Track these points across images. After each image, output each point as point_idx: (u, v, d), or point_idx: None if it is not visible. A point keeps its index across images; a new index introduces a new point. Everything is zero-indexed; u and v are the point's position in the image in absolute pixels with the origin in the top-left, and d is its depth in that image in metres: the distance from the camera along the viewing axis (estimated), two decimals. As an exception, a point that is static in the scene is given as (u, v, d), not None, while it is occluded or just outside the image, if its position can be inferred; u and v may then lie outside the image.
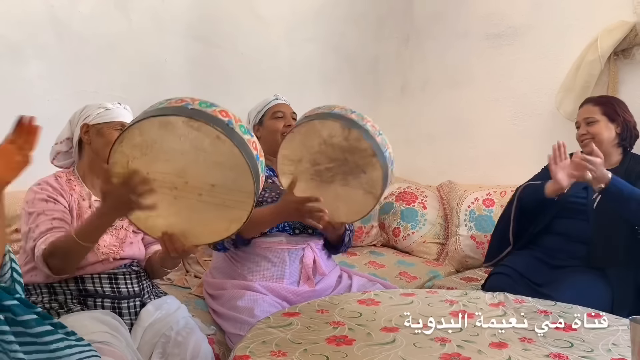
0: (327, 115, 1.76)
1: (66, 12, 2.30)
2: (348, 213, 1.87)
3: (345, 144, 1.73)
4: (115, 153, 1.38)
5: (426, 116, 3.57)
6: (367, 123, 1.77)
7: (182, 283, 2.32)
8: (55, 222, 1.59)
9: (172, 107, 1.38)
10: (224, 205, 1.42)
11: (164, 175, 1.40)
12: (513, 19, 3.15)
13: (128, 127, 1.37)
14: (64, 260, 1.54)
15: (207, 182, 1.40)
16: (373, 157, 1.71)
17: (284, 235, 2.00)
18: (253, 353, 1.24)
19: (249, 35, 2.96)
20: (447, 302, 1.64)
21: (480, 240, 2.88)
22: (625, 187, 1.98)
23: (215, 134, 1.34)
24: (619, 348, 1.31)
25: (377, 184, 1.75)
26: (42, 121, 2.15)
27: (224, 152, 1.35)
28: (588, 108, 2.28)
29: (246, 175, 1.37)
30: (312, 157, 1.79)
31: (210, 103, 1.40)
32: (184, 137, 1.35)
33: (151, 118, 1.35)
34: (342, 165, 1.77)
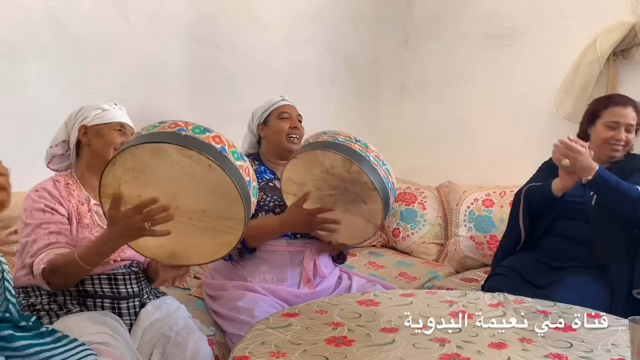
0: (329, 145, 1.75)
1: (65, 13, 2.30)
2: (349, 237, 1.91)
3: (346, 176, 1.74)
4: (108, 175, 1.38)
5: (426, 117, 3.57)
6: (370, 154, 1.75)
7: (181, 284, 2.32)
8: (52, 237, 1.58)
9: (166, 133, 1.37)
10: (215, 230, 1.43)
11: None
12: (512, 20, 3.15)
13: (121, 151, 1.37)
14: (64, 279, 1.54)
15: (199, 208, 1.41)
16: (374, 191, 1.71)
17: (284, 238, 2.00)
18: (252, 354, 1.24)
19: (248, 36, 2.96)
20: (447, 303, 1.64)
21: (479, 240, 2.88)
22: (611, 178, 1.96)
23: (207, 163, 1.34)
24: (618, 348, 1.31)
25: (378, 215, 1.77)
26: (41, 122, 2.18)
27: (215, 181, 1.36)
28: (631, 113, 2.18)
29: (237, 202, 1.38)
30: (315, 183, 1.81)
31: (204, 128, 1.39)
32: (176, 164, 1.35)
33: (144, 144, 1.35)
34: (343, 194, 1.79)
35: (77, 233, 1.65)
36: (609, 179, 1.95)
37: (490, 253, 2.82)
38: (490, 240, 2.84)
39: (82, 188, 1.72)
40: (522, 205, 2.26)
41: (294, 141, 2.09)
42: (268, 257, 1.97)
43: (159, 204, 1.37)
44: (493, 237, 2.83)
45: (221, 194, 1.38)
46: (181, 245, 1.48)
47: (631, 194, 1.95)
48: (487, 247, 2.85)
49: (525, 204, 2.25)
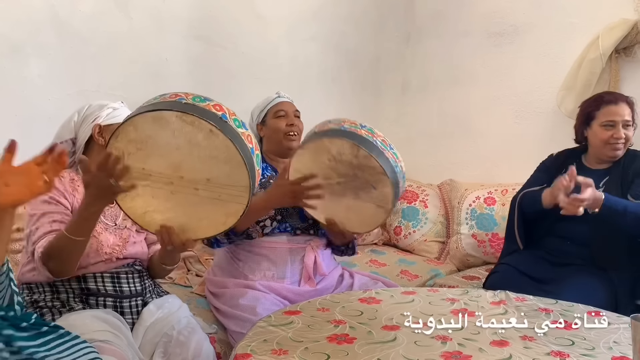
0: (336, 132, 1.74)
1: (67, 11, 2.30)
2: (360, 224, 1.88)
3: (355, 161, 1.72)
4: (111, 148, 1.38)
5: (427, 115, 3.57)
6: (377, 138, 1.75)
7: (183, 282, 2.32)
8: (54, 225, 1.58)
9: (166, 102, 1.38)
10: (220, 199, 1.42)
11: (160, 170, 1.40)
12: (514, 18, 3.14)
13: (123, 123, 1.37)
14: (60, 259, 1.53)
15: (203, 177, 1.41)
16: (383, 175, 1.70)
17: (285, 235, 2.00)
18: (254, 352, 1.24)
19: (249, 35, 2.96)
20: (448, 301, 1.64)
21: (481, 238, 2.88)
22: (618, 204, 1.94)
23: (208, 128, 1.34)
24: (620, 346, 1.31)
25: (388, 199, 1.75)
26: (42, 120, 2.18)
27: (217, 146, 1.36)
28: (625, 108, 2.15)
29: (241, 168, 1.38)
30: (323, 172, 1.79)
31: (204, 97, 1.40)
32: (177, 131, 1.35)
33: (145, 113, 1.35)
34: (352, 181, 1.77)
35: None
36: (616, 207, 1.93)
37: (492, 251, 2.82)
38: (492, 238, 2.84)
39: None
40: (516, 217, 2.25)
41: (292, 138, 2.07)
42: (269, 253, 1.97)
43: (114, 157, 1.35)
44: (495, 235, 2.83)
45: (224, 159, 1.37)
46: (188, 218, 1.47)
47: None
48: (489, 245, 2.85)
49: (520, 213, 2.24)
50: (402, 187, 1.81)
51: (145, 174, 1.40)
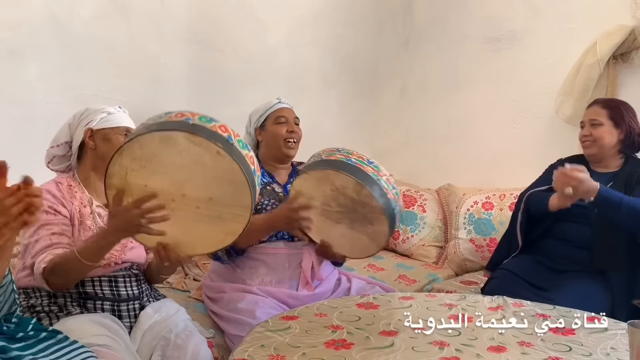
0: (342, 166, 1.76)
1: (66, 15, 2.30)
2: (351, 250, 1.93)
3: (356, 197, 1.75)
4: (114, 165, 1.38)
5: (425, 119, 3.57)
6: (382, 177, 1.77)
7: (181, 286, 2.32)
8: (54, 238, 1.58)
9: (173, 122, 1.39)
10: (221, 218, 1.43)
11: (162, 187, 1.41)
12: (512, 23, 3.15)
13: (128, 141, 1.38)
14: (65, 278, 1.54)
15: (205, 196, 1.42)
16: (381, 215, 1.74)
17: (282, 241, 2.00)
18: (251, 357, 1.24)
19: (248, 39, 2.96)
20: (446, 306, 1.64)
21: (479, 243, 2.88)
22: (613, 195, 1.96)
23: (215, 150, 1.36)
24: (617, 352, 1.31)
25: (383, 237, 1.80)
26: (41, 124, 2.18)
27: (223, 168, 1.37)
28: (595, 109, 2.25)
29: (244, 189, 1.40)
30: (324, 199, 1.82)
31: (209, 118, 1.41)
32: (184, 151, 1.37)
33: (152, 132, 1.36)
34: (350, 213, 1.81)
35: (79, 235, 1.65)
36: (611, 197, 1.95)
37: (490, 256, 2.81)
38: (490, 243, 2.84)
39: (85, 190, 1.72)
40: (520, 214, 2.27)
41: (291, 146, 2.08)
42: (267, 259, 1.97)
43: (157, 200, 1.37)
44: (493, 240, 2.83)
45: (228, 180, 1.39)
46: (187, 235, 1.48)
47: (637, 208, 1.95)
48: (487, 249, 2.85)
49: (524, 213, 2.26)
50: (397, 225, 1.86)
51: (147, 191, 1.40)
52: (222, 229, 1.46)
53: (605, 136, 2.20)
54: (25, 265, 1.60)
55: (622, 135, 2.20)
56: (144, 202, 1.38)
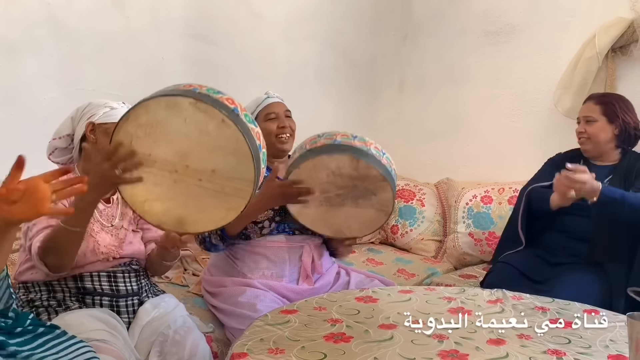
0: (332, 148, 1.75)
1: (63, 10, 2.29)
2: (360, 228, 1.90)
3: (354, 173, 1.74)
4: (120, 131, 1.37)
5: (424, 113, 3.57)
6: (370, 147, 1.76)
7: (180, 281, 2.32)
8: (52, 220, 1.57)
9: (180, 90, 1.39)
10: (223, 192, 1.41)
11: (166, 157, 1.39)
12: (511, 16, 3.14)
13: (135, 106, 1.36)
14: (58, 253, 1.51)
15: (208, 167, 1.40)
16: (384, 182, 1.73)
17: (283, 235, 2.00)
18: (251, 350, 1.24)
19: (246, 33, 2.96)
20: (445, 299, 1.64)
21: (478, 237, 2.89)
22: (616, 194, 1.97)
23: (220, 117, 1.34)
24: (616, 344, 1.31)
25: (389, 203, 1.78)
26: (38, 119, 2.17)
27: (227, 137, 1.36)
28: (589, 106, 2.27)
29: (248, 162, 1.38)
30: (321, 187, 1.80)
31: (217, 90, 1.41)
32: (189, 119, 1.35)
33: (159, 97, 1.35)
34: (352, 191, 1.79)
35: None
36: (613, 196, 1.96)
37: (489, 250, 2.82)
38: (489, 236, 2.84)
39: None
40: (521, 211, 2.27)
41: (284, 140, 2.05)
42: (267, 253, 1.97)
43: (128, 149, 1.35)
44: (491, 234, 2.83)
45: (232, 151, 1.37)
46: (188, 209, 1.46)
47: (638, 205, 1.96)
48: (486, 243, 2.86)
49: (525, 209, 2.26)
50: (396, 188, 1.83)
51: (151, 161, 1.39)
52: (225, 204, 1.43)
53: (599, 133, 2.21)
54: (25, 251, 1.60)
55: (617, 130, 2.21)
56: (113, 154, 1.35)
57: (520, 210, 2.28)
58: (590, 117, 2.23)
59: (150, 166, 1.39)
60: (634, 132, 2.24)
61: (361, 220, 1.85)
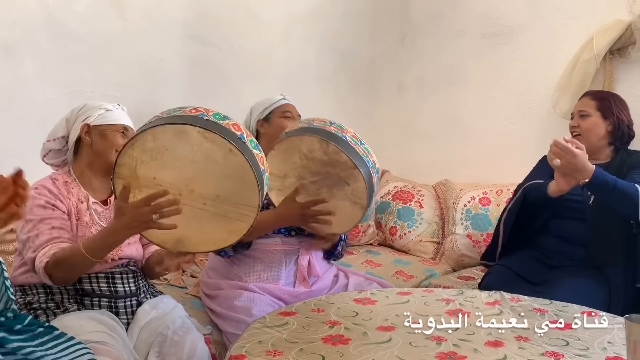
0: (304, 130, 1.76)
1: (61, 11, 2.29)
2: (339, 224, 1.88)
3: (325, 158, 1.74)
4: (124, 156, 1.38)
5: (422, 115, 3.57)
6: (347, 134, 1.75)
7: (178, 283, 2.32)
8: (55, 232, 1.57)
9: (188, 117, 1.39)
10: (226, 216, 1.43)
11: (171, 181, 1.40)
12: (509, 18, 3.15)
13: (142, 132, 1.37)
14: (68, 272, 1.54)
15: (213, 192, 1.42)
16: (354, 169, 1.71)
17: (279, 237, 2.00)
18: (249, 353, 1.24)
19: (245, 35, 2.96)
20: (444, 301, 1.65)
21: (476, 239, 2.89)
22: (609, 178, 1.95)
23: (228, 147, 1.36)
24: (614, 346, 1.32)
25: (362, 194, 1.76)
26: (36, 121, 2.17)
27: (234, 165, 1.38)
28: (585, 101, 2.26)
29: (253, 189, 1.40)
30: (296, 172, 1.81)
31: (224, 115, 1.42)
32: (197, 146, 1.37)
33: (166, 125, 1.36)
34: (325, 179, 1.79)
35: (77, 231, 1.65)
36: (606, 180, 1.94)
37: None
38: (487, 238, 2.84)
39: (81, 187, 1.72)
40: (513, 202, 2.26)
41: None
42: (263, 256, 1.97)
43: (168, 196, 1.37)
44: (490, 236, 2.81)
45: (238, 179, 1.39)
46: (191, 231, 1.47)
47: (631, 193, 1.94)
48: (484, 245, 2.85)
49: (519, 201, 2.24)
50: (375, 183, 1.82)
51: (155, 184, 1.40)
52: (227, 227, 1.45)
53: (592, 128, 2.21)
54: (25, 260, 1.60)
55: (611, 127, 2.20)
56: (155, 199, 1.37)
57: (513, 201, 2.27)
58: (585, 112, 2.22)
59: (154, 189, 1.40)
60: (627, 130, 2.23)
61: (339, 214, 1.83)
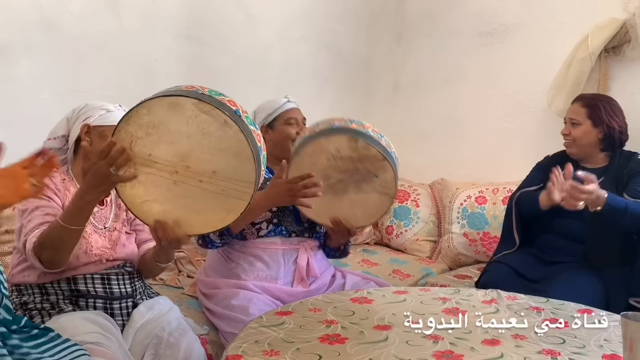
0: (330, 131, 1.76)
1: (56, 11, 2.28)
2: (366, 216, 1.89)
3: (354, 155, 1.75)
4: (120, 132, 1.37)
5: (418, 114, 3.57)
6: (368, 129, 1.79)
7: (174, 283, 2.31)
8: (47, 217, 1.56)
9: (182, 90, 1.39)
10: (224, 193, 1.42)
11: (167, 157, 1.39)
12: (504, 17, 3.15)
13: (136, 106, 1.36)
14: (54, 250, 1.50)
15: (209, 168, 1.40)
16: (384, 161, 1.74)
17: (279, 237, 2.00)
18: (246, 353, 1.24)
19: (240, 34, 2.95)
20: (440, 300, 1.65)
21: (472, 237, 2.89)
22: (619, 202, 1.94)
23: (223, 118, 1.35)
24: (610, 344, 1.32)
25: (391, 184, 1.79)
26: (32, 121, 2.17)
27: (229, 138, 1.37)
28: (576, 108, 2.25)
29: (249, 163, 1.38)
30: (322, 173, 1.79)
31: (219, 92, 1.42)
32: (191, 119, 1.36)
33: (161, 97, 1.35)
34: (353, 175, 1.79)
35: None
36: (617, 206, 1.93)
37: (484, 250, 2.83)
38: (484, 237, 2.85)
39: (78, 185, 1.71)
40: (514, 215, 2.27)
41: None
42: (262, 254, 1.97)
43: (118, 146, 1.34)
44: (486, 234, 2.84)
45: (233, 152, 1.38)
46: (187, 211, 1.45)
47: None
48: (480, 243, 2.86)
49: (517, 213, 2.26)
50: (398, 171, 1.85)
51: (151, 161, 1.39)
52: (224, 206, 1.43)
53: (582, 136, 2.21)
54: (19, 250, 1.59)
55: (601, 134, 2.19)
56: (107, 152, 1.34)
57: (514, 215, 2.27)
58: (575, 120, 2.22)
59: (150, 166, 1.39)
60: (619, 136, 2.21)
61: (366, 207, 1.85)
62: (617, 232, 2.04)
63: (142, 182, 1.42)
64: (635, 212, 1.95)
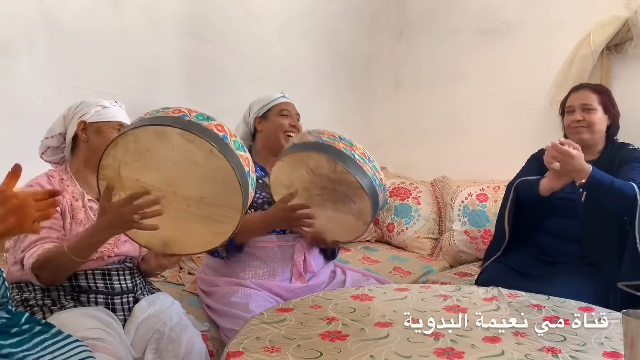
0: (313, 146, 1.73)
1: (57, 8, 2.28)
2: (342, 233, 1.91)
3: (333, 176, 1.73)
4: (108, 157, 1.38)
5: (420, 112, 3.57)
6: (356, 152, 1.74)
7: (175, 280, 2.31)
8: (43, 232, 1.56)
9: (169, 117, 1.38)
10: (211, 218, 1.43)
11: (154, 183, 1.40)
12: (506, 14, 3.15)
13: (123, 133, 1.37)
14: (54, 273, 1.54)
15: (197, 194, 1.41)
16: (360, 189, 1.71)
17: (274, 234, 2.00)
18: (246, 349, 1.24)
19: (241, 32, 2.95)
20: (441, 297, 1.64)
21: (473, 235, 2.89)
22: (605, 178, 1.93)
23: (209, 148, 1.35)
24: (611, 341, 1.32)
25: (367, 213, 1.77)
26: (32, 118, 2.17)
27: (216, 167, 1.37)
28: (586, 94, 2.22)
29: (236, 191, 1.39)
30: (303, 184, 1.81)
31: (207, 116, 1.41)
32: (177, 148, 1.36)
33: (147, 127, 1.35)
34: (332, 194, 1.79)
35: (71, 229, 1.64)
36: (602, 180, 1.93)
37: (484, 247, 2.81)
38: (484, 234, 2.85)
39: (77, 184, 1.71)
40: (509, 202, 2.25)
41: (291, 137, 2.08)
42: (259, 252, 1.97)
43: (150, 196, 1.37)
44: (487, 232, 2.84)
45: (220, 181, 1.38)
46: (176, 232, 1.47)
47: (626, 192, 1.93)
48: (481, 241, 2.86)
49: (514, 201, 2.24)
50: (382, 200, 1.82)
51: (139, 185, 1.39)
52: (212, 229, 1.45)
53: (598, 122, 2.19)
54: (16, 259, 1.59)
55: (609, 121, 2.20)
56: (137, 199, 1.37)
57: (509, 202, 2.25)
58: (590, 105, 2.19)
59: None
60: (617, 125, 2.24)
61: (341, 226, 1.85)
62: (612, 225, 2.04)
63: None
64: (622, 188, 1.93)
